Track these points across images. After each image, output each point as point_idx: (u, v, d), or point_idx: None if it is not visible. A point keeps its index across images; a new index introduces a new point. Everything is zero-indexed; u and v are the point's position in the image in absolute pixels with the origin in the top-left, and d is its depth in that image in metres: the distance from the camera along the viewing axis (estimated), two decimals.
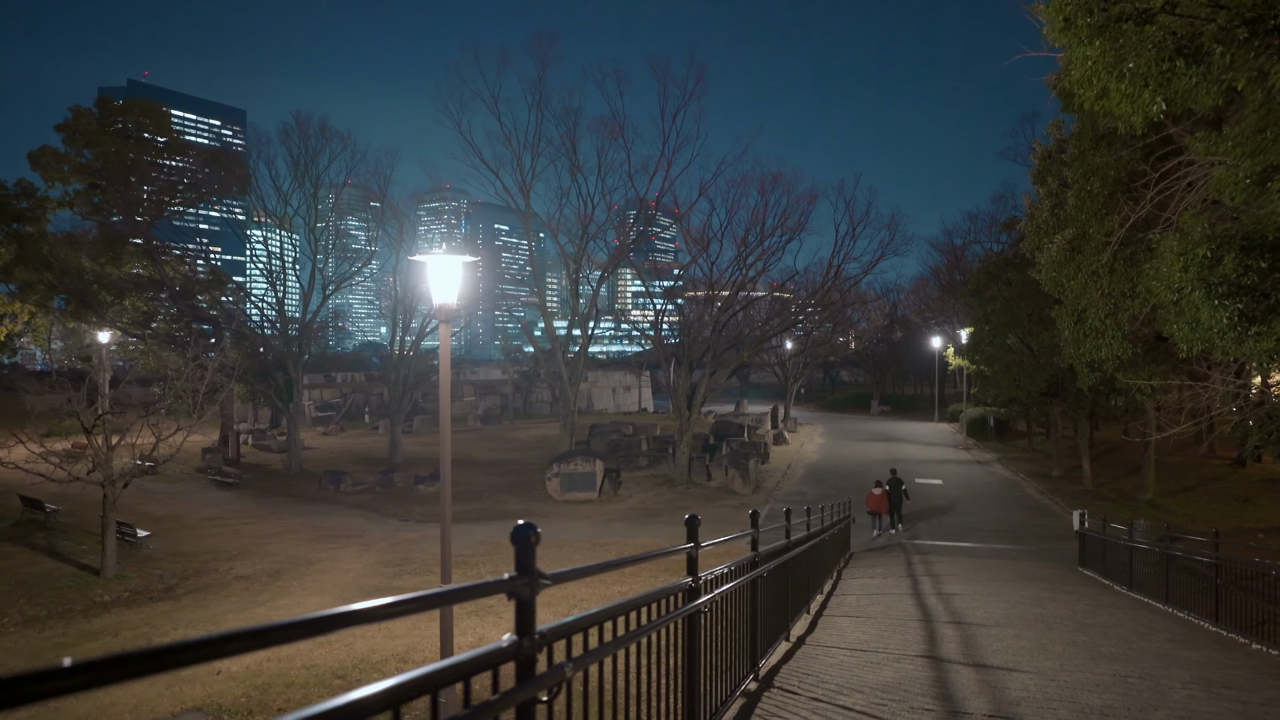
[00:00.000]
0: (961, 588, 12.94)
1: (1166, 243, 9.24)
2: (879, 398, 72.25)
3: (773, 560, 7.09)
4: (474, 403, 60.29)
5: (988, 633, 8.80)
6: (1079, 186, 15.25)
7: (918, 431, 52.50)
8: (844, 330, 70.89)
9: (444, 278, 10.62)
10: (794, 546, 8.69)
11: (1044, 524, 25.08)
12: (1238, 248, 8.53)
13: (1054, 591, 13.06)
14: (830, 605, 10.85)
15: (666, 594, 3.74)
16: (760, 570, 6.14)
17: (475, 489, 30.74)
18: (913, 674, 6.56)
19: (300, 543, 21.89)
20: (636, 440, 37.21)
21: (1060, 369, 29.72)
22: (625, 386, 69.35)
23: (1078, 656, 7.64)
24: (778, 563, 7.20)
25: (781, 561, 7.59)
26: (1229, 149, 7.98)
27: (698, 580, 4.20)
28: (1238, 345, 9.00)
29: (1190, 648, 8.71)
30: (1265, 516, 25.45)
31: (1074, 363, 16.88)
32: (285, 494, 30.65)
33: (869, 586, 12.96)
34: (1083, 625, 9.73)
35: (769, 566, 6.71)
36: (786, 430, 47.73)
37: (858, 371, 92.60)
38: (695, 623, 4.23)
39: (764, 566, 6.40)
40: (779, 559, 7.27)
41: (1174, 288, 8.92)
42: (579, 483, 27.83)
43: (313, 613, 1.48)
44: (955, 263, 57.77)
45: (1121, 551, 15.24)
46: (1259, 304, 8.74)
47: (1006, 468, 37.04)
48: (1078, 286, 15.05)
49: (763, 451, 36.75)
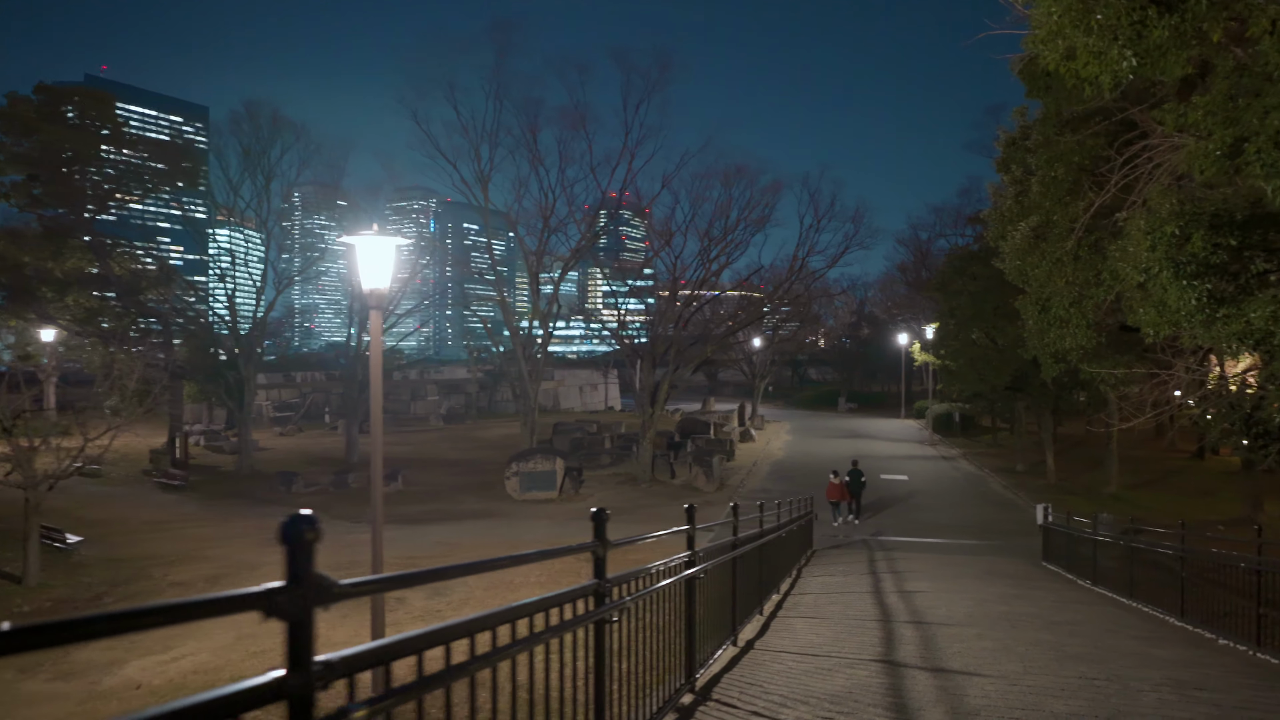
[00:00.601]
0: (924, 585, 12.49)
1: (1134, 221, 8.83)
2: (846, 395, 72.29)
3: (715, 558, 6.52)
4: (437, 401, 59.30)
5: (949, 633, 8.31)
6: (1043, 173, 14.89)
7: (884, 428, 52.43)
8: (812, 328, 70.87)
9: (374, 261, 9.93)
10: (744, 544, 8.14)
11: (1009, 519, 24.86)
12: (1206, 225, 8.12)
13: (1019, 588, 12.66)
14: (786, 605, 10.32)
15: (560, 601, 3.14)
16: (698, 570, 5.55)
17: (434, 489, 29.94)
18: (866, 681, 6.02)
19: (245, 547, 20.98)
20: (600, 438, 36.58)
21: (1024, 362, 29.58)
22: (592, 385, 68.67)
23: (1043, 657, 7.16)
24: (719, 561, 6.63)
25: (725, 560, 7.03)
26: (1200, 118, 7.55)
27: (605, 583, 3.59)
28: (1206, 329, 8.60)
29: (1159, 645, 8.28)
30: (1225, 509, 25.44)
31: (1038, 354, 16.53)
32: (234, 496, 29.61)
33: (829, 585, 12.46)
34: (1049, 623, 9.29)
35: (710, 565, 6.13)
36: (753, 427, 47.35)
37: (826, 369, 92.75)
38: (603, 632, 3.63)
39: (703, 565, 5.82)
40: (722, 557, 6.70)
41: (1141, 268, 8.49)
42: (539, 481, 27.14)
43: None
44: (922, 259, 57.86)
45: (1086, 546, 14.90)
46: (1228, 284, 8.35)
47: (971, 463, 36.94)
48: (1042, 275, 14.68)
49: (728, 449, 36.29)
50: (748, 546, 8.27)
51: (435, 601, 15.28)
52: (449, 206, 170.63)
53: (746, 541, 8.71)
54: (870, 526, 22.98)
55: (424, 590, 15.72)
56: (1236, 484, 28.30)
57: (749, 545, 8.38)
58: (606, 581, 3.60)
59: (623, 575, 4.09)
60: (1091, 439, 43.14)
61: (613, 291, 35.15)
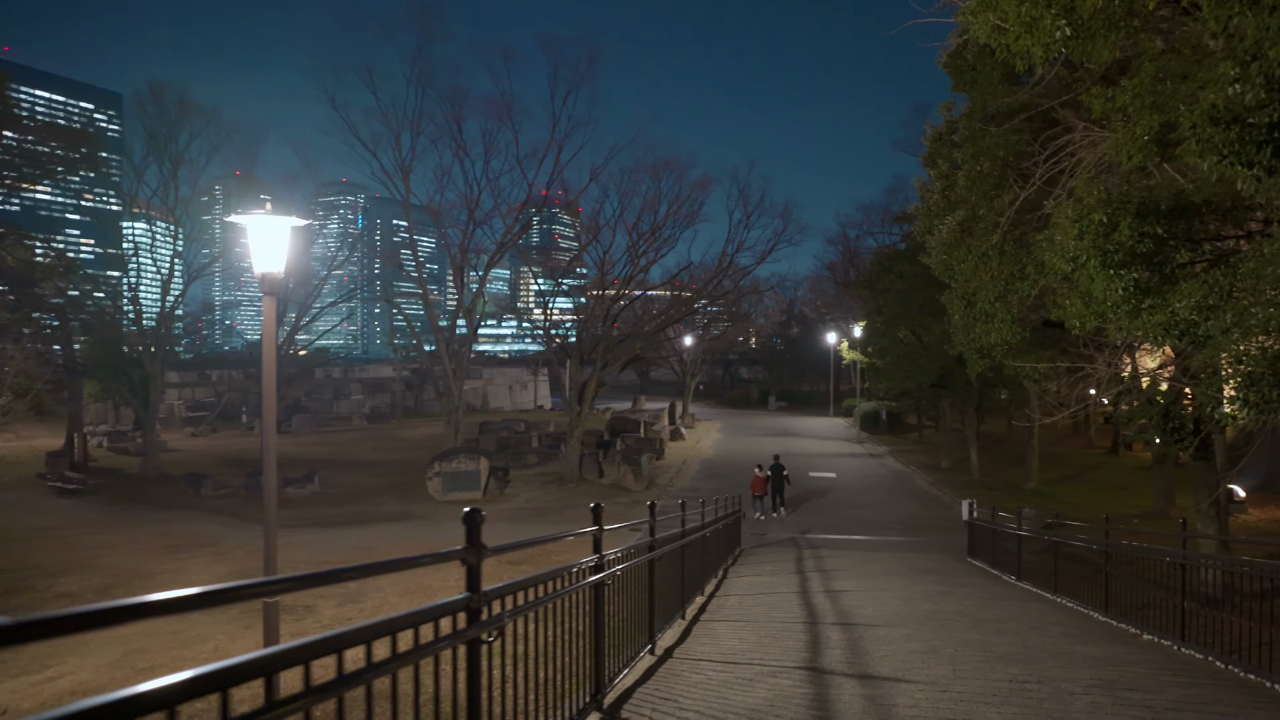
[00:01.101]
0: (852, 584, 12.23)
1: (1061, 210, 8.65)
2: (776, 393, 72.87)
3: (629, 561, 6.01)
4: (362, 401, 57.58)
5: (877, 635, 7.97)
6: (969, 167, 14.85)
7: (813, 426, 52.86)
8: (743, 327, 71.23)
9: (268, 242, 9.14)
10: (663, 545, 7.65)
11: (934, 514, 25.04)
12: (1133, 213, 7.95)
13: (945, 585, 12.51)
14: (711, 607, 9.88)
15: (416, 621, 2.58)
16: (605, 576, 5.03)
17: (352, 490, 28.79)
18: (789, 692, 5.58)
19: (143, 554, 19.67)
20: (527, 437, 35.82)
21: (949, 360, 29.96)
22: (522, 384, 67.65)
23: (972, 659, 6.85)
24: (634, 564, 6.12)
25: (642, 563, 6.53)
26: (1128, 101, 7.36)
27: (479, 597, 3.04)
28: (1131, 320, 8.46)
29: (1086, 642, 8.09)
30: (1140, 502, 26.13)
31: (964, 349, 16.52)
32: (137, 500, 27.93)
33: (755, 585, 12.09)
34: (976, 621, 9.06)
35: (622, 569, 5.62)
36: (684, 426, 47.16)
37: (757, 368, 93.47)
38: (478, 654, 3.08)
39: (612, 570, 5.31)
40: (636, 560, 6.19)
41: (1069, 257, 8.31)
42: (462, 482, 26.29)
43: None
44: (850, 257, 58.56)
45: (1010, 541, 14.90)
46: (1154, 274, 8.20)
47: (898, 460, 37.35)
48: (968, 269, 14.63)
49: (658, 447, 35.95)
50: (667, 548, 7.79)
51: (348, 609, 14.45)
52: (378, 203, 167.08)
53: (666, 542, 8.23)
54: (798, 524, 22.84)
55: (336, 597, 14.90)
56: (1148, 478, 29.15)
57: (669, 546, 7.91)
58: (481, 595, 3.05)
59: (508, 586, 3.54)
60: (1013, 436, 44.22)
61: (542, 291, 34.42)
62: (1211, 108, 5.09)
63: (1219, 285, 6.68)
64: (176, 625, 12.77)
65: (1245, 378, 5.68)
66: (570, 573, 4.49)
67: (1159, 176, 10.08)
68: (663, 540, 8.20)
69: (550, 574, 3.99)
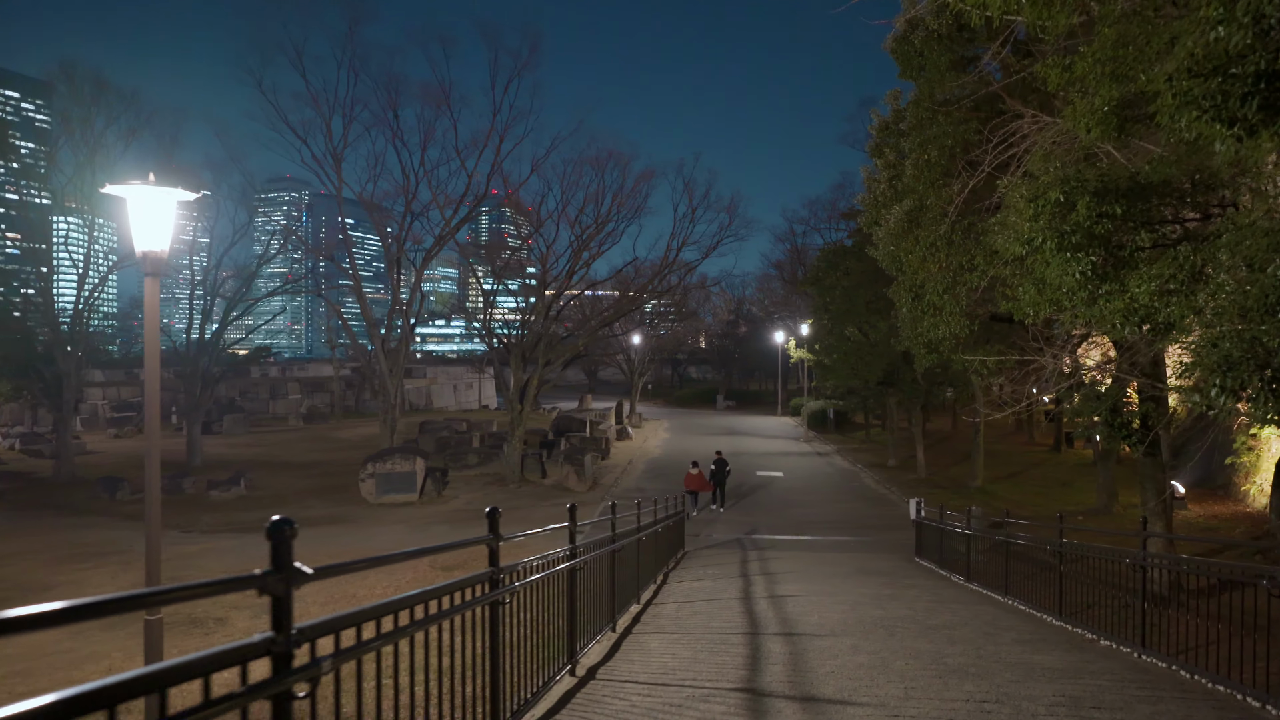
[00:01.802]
0: (797, 587, 11.64)
1: (1015, 190, 8.14)
2: (725, 392, 72.63)
3: (542, 573, 5.25)
4: (299, 400, 55.71)
5: (822, 646, 7.35)
6: (916, 156, 14.42)
7: (761, 425, 52.63)
8: (692, 326, 70.92)
9: (150, 218, 8.16)
10: (592, 550, 6.93)
11: (881, 513, 24.74)
12: (1091, 192, 7.44)
13: (894, 587, 11.99)
14: (646, 617, 9.17)
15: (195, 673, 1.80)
16: (500, 593, 4.27)
17: (281, 493, 27.47)
18: (722, 719, 4.89)
19: (43, 564, 18.26)
20: (468, 437, 34.75)
21: (896, 357, 29.78)
22: (467, 383, 66.29)
23: (924, 675, 6.25)
24: (549, 575, 5.37)
25: (561, 572, 5.78)
26: (1087, 68, 6.85)
27: (286, 638, 2.26)
28: (1088, 307, 7.98)
29: (1042, 650, 7.58)
30: (1082, 499, 26.17)
31: (911, 344, 16.10)
32: (46, 505, 26.24)
33: (695, 591, 11.41)
34: (925, 628, 8.50)
35: (526, 583, 4.87)
36: (631, 425, 46.48)
37: (706, 368, 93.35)
38: (287, 710, 2.30)
39: (514, 585, 4.55)
40: (549, 571, 5.44)
41: (1024, 240, 7.79)
42: (397, 483, 25.20)
43: None
44: (798, 256, 58.52)
45: (958, 540, 14.50)
46: (1111, 257, 7.72)
47: (845, 458, 37.16)
48: (915, 260, 14.16)
49: (604, 447, 35.20)
50: (593, 554, 7.06)
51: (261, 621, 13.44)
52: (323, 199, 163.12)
53: (596, 547, 7.51)
54: (745, 525, 22.30)
55: (250, 609, 13.88)
56: (1090, 475, 29.32)
57: (595, 553, 7.18)
58: (290, 636, 2.27)
59: (354, 613, 2.77)
60: (957, 434, 44.45)
61: (484, 290, 33.24)
62: (1189, 57, 4.55)
63: (1187, 264, 6.18)
64: (70, 643, 11.67)
65: (1221, 361, 5.17)
66: (459, 592, 3.72)
67: (1108, 162, 9.66)
68: (593, 545, 7.47)
69: (415, 598, 3.21)
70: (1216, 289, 5.48)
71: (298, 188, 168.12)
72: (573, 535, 6.28)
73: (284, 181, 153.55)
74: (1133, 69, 6.96)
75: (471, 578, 3.92)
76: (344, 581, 15.11)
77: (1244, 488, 23.47)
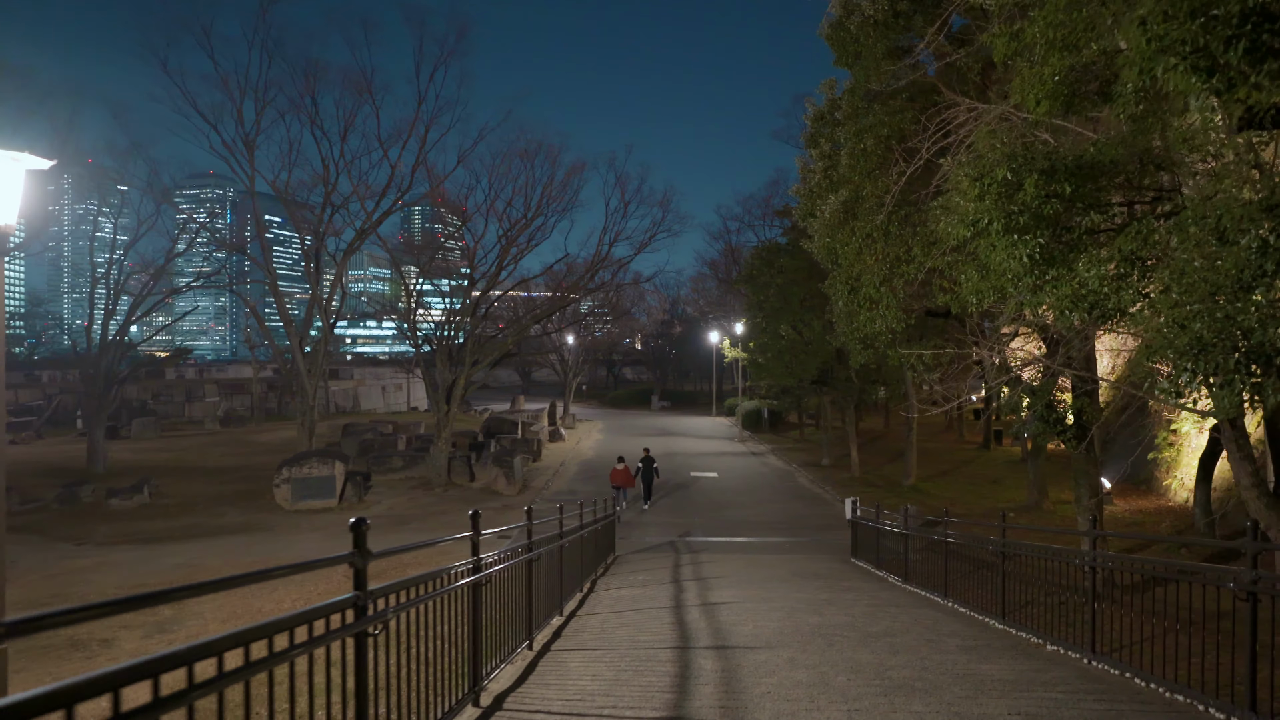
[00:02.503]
0: (731, 593, 11.05)
1: (960, 170, 7.66)
2: (660, 393, 72.30)
3: (431, 593, 4.49)
4: (217, 403, 53.29)
5: (757, 661, 6.73)
6: (852, 145, 14.01)
7: (696, 425, 52.32)
8: (627, 327, 70.33)
9: None
10: (494, 563, 6.17)
11: (817, 513, 24.46)
12: (1039, 170, 6.99)
13: (830, 590, 11.50)
14: (568, 631, 8.43)
15: None
16: (367, 622, 3.50)
17: (190, 500, 25.83)
18: None
19: None
20: (394, 439, 33.44)
21: (830, 356, 29.64)
22: (396, 385, 64.45)
23: (868, 693, 5.67)
24: (442, 594, 4.60)
25: (461, 589, 5.01)
26: (1038, 32, 6.40)
27: None
28: (1034, 293, 7.56)
29: (989, 658, 7.10)
30: (1013, 495, 26.31)
31: (847, 340, 15.72)
32: None
33: (624, 600, 10.72)
34: (865, 636, 7.97)
35: (402, 606, 4.10)
36: (564, 427, 45.64)
37: (641, 369, 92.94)
38: None
39: (384, 612, 3.78)
40: (442, 590, 4.67)
41: (968, 221, 7.31)
42: (314, 489, 23.91)
43: None
44: (732, 256, 58.40)
45: (895, 540, 14.14)
46: (1059, 239, 7.28)
47: (780, 458, 36.98)
48: (851, 252, 13.74)
49: (535, 448, 34.30)
50: (505, 565, 6.31)
51: (153, 641, 12.31)
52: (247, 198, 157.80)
53: (511, 556, 6.75)
54: (678, 527, 21.72)
55: (142, 629, 12.73)
56: (1018, 472, 29.64)
57: (508, 563, 6.43)
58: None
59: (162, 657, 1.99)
60: (890, 433, 44.79)
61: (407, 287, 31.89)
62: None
63: (1151, 239, 5.74)
64: None
65: (1192, 343, 4.71)
66: (307, 625, 2.95)
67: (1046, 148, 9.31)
68: (510, 553, 6.71)
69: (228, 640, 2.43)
70: (1182, 266, 5.03)
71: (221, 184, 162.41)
72: (475, 546, 5.50)
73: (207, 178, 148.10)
74: (1084, 37, 6.52)
75: (326, 606, 3.15)
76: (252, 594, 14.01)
77: (1165, 482, 23.84)
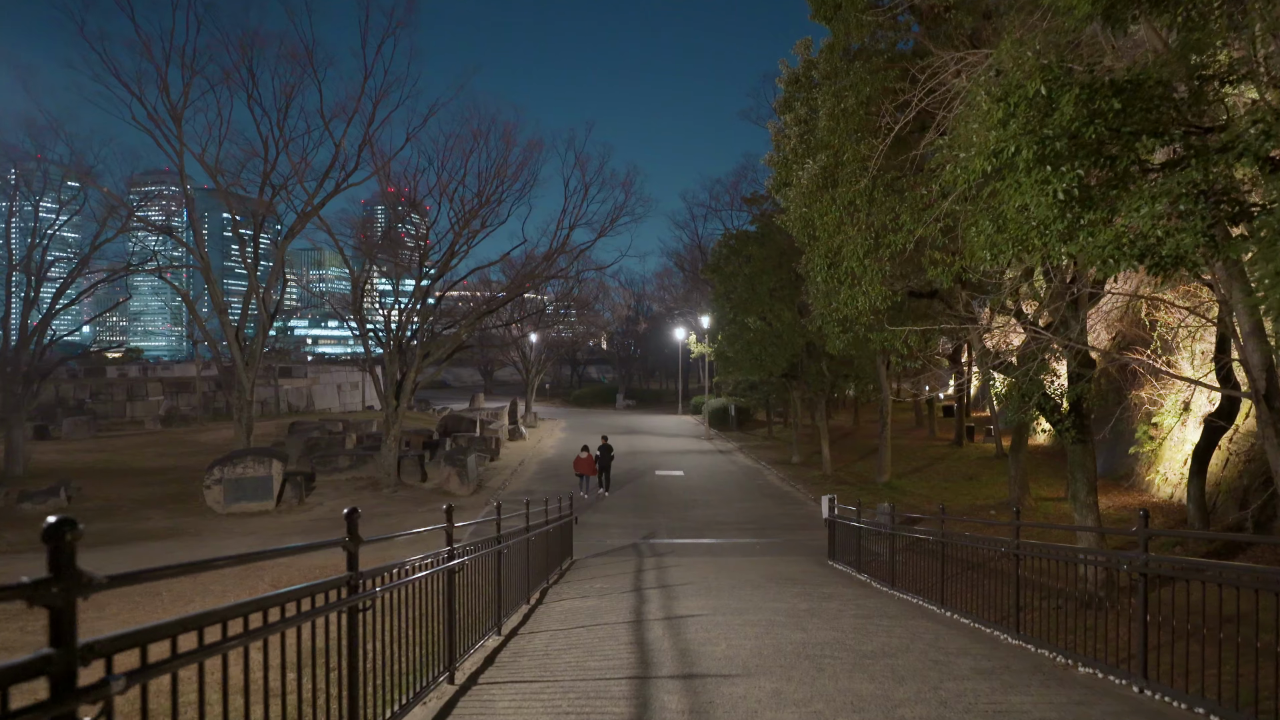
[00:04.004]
0: (699, 603, 9.63)
1: (977, 87, 6.31)
2: (625, 391, 70.91)
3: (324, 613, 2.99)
4: (159, 402, 50.81)
5: (733, 697, 5.32)
6: (831, 105, 12.64)
7: (661, 424, 51.00)
8: (591, 323, 68.83)
9: None
10: (385, 580, 4.68)
11: (788, 512, 23.18)
12: (1080, 84, 5.64)
13: (810, 599, 10.14)
14: (504, 657, 6.93)
15: None
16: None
17: (111, 504, 23.83)
18: None
19: None
20: (342, 438, 31.61)
21: (800, 348, 28.43)
22: (352, 384, 62.24)
23: None
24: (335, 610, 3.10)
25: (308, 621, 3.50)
26: None
27: None
28: (1065, 243, 6.24)
29: (1015, 687, 5.76)
30: (989, 492, 25.30)
31: (824, 322, 14.41)
32: None
33: (576, 613, 9.24)
34: (860, 658, 6.61)
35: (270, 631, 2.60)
36: (525, 425, 44.02)
37: (606, 367, 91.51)
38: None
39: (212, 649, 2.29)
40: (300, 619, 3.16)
41: (989, 151, 5.98)
42: (250, 490, 22.11)
43: None
44: (698, 247, 57.10)
45: (880, 541, 12.85)
46: (1103, 172, 5.95)
47: (748, 456, 35.74)
48: (831, 223, 12.41)
49: (494, 447, 32.69)
50: (397, 583, 4.82)
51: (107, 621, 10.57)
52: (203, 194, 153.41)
53: (416, 570, 5.26)
54: (642, 528, 20.29)
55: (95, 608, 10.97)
56: (993, 469, 28.68)
57: (402, 580, 4.94)
58: None
59: None
60: (860, 430, 43.78)
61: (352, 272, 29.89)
62: None
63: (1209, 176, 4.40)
64: None
65: None
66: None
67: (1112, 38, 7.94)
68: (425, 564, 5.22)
69: None
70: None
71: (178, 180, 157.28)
72: (353, 560, 3.98)
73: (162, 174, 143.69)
74: None
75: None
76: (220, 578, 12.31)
77: (1148, 477, 22.93)
